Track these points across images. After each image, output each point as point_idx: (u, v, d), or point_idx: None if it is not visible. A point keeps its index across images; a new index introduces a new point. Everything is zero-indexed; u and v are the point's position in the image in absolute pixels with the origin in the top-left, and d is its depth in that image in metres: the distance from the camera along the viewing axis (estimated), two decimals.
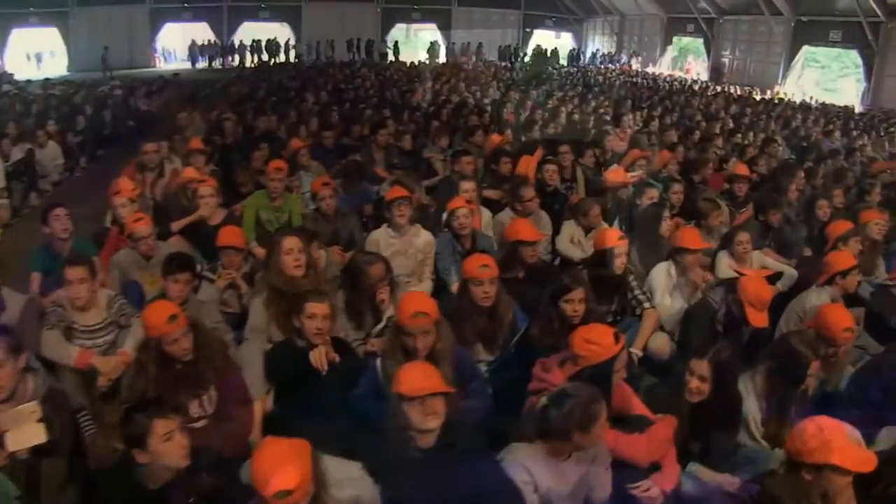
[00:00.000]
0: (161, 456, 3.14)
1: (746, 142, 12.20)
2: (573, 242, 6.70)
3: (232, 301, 5.68)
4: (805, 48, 31.30)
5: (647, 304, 5.47)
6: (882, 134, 16.67)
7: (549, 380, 3.77)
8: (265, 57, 36.79)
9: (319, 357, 4.15)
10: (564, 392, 3.27)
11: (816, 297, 5.42)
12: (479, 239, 6.21)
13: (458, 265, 6.03)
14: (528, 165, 7.99)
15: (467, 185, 6.98)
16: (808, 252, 7.09)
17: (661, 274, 5.83)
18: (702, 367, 3.80)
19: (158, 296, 5.03)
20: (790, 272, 6.41)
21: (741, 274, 5.92)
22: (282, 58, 37.03)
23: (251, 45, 37.19)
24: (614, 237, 5.55)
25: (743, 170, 8.44)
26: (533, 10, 44.36)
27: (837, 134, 15.40)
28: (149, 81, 22.70)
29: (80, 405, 4.44)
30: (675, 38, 40.54)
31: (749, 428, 4.00)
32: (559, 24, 46.28)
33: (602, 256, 5.50)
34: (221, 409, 4.22)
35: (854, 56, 29.26)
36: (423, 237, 6.23)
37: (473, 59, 38.07)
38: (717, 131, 13.07)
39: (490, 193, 7.68)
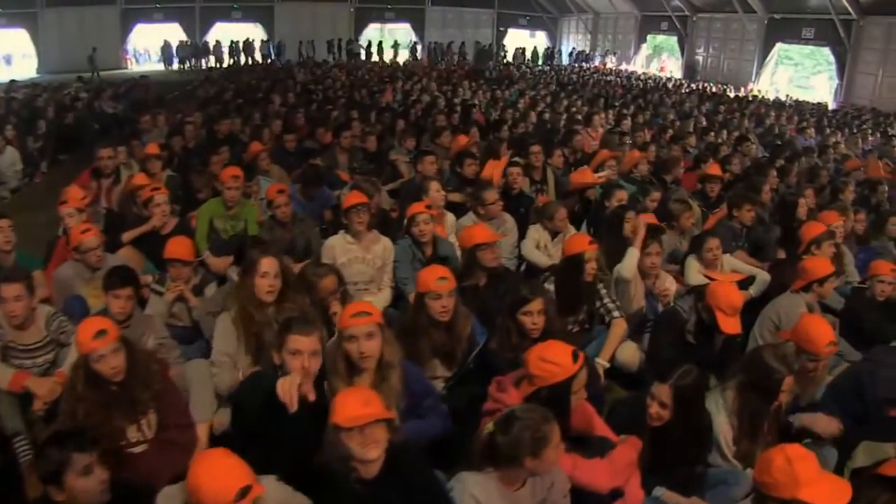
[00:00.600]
0: (79, 493, 2.89)
1: (720, 140, 11.99)
2: (539, 248, 6.44)
3: (182, 314, 5.40)
4: (778, 45, 31.63)
5: (615, 314, 5.22)
6: (855, 131, 16.60)
7: (503, 400, 3.53)
8: (242, 58, 36.52)
9: (289, 389, 3.33)
10: (512, 415, 3.02)
11: (791, 304, 5.22)
12: (441, 245, 5.95)
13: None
14: (494, 167, 7.75)
15: (431, 187, 6.73)
16: (781, 253, 6.88)
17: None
18: (663, 392, 3.56)
19: (101, 311, 4.75)
20: (762, 276, 6.21)
21: (711, 279, 5.74)
22: (259, 58, 36.77)
23: (230, 46, 36.92)
24: (584, 242, 5.28)
25: (715, 170, 8.28)
26: (507, 9, 44.45)
27: (811, 131, 15.33)
28: (115, 84, 22.26)
29: (16, 430, 4.21)
30: (649, 37, 40.83)
31: (720, 447, 3.76)
32: (533, 23, 46.34)
33: (571, 263, 5.24)
34: (162, 433, 3.94)
35: (826, 53, 29.56)
36: (382, 244, 5.97)
37: (455, 57, 38.02)
38: (690, 129, 12.90)
39: (454, 196, 7.42)
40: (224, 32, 38.29)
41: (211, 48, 36.89)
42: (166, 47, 36.44)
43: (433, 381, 4.45)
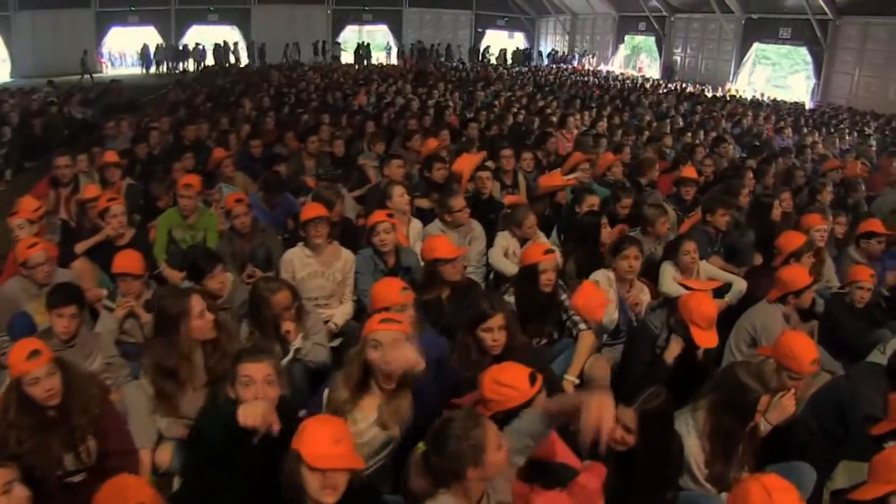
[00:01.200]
0: None
1: (697, 141, 11.82)
2: (507, 255, 6.19)
3: (134, 331, 5.14)
4: (756, 45, 31.81)
5: (582, 326, 4.98)
6: (832, 131, 16.54)
7: None
8: (231, 58, 36.21)
9: (252, 413, 3.09)
10: (438, 430, 2.80)
11: (768, 314, 5.03)
12: (404, 255, 5.70)
13: None
14: (466, 162, 7.52)
15: (395, 192, 6.50)
16: (757, 258, 6.69)
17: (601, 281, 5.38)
18: (627, 416, 3.30)
19: (44, 331, 4.51)
20: (739, 284, 5.96)
21: (687, 287, 5.54)
22: (243, 60, 36.50)
23: (214, 49, 36.63)
24: (539, 252, 5.05)
25: (691, 173, 8.07)
26: (484, 10, 44.37)
27: (789, 131, 15.24)
28: (86, 88, 21.86)
29: None
30: (627, 37, 40.88)
31: (691, 470, 3.51)
32: (511, 24, 46.31)
33: (527, 274, 5.02)
34: (103, 461, 3.67)
35: (803, 53, 29.75)
36: (343, 256, 5.73)
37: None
38: (667, 130, 12.73)
39: (422, 202, 7.21)
40: (200, 35, 37.86)
41: (190, 50, 36.41)
42: (145, 50, 35.97)
43: None
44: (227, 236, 6.26)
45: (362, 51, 39.57)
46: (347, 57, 39.58)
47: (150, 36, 36.83)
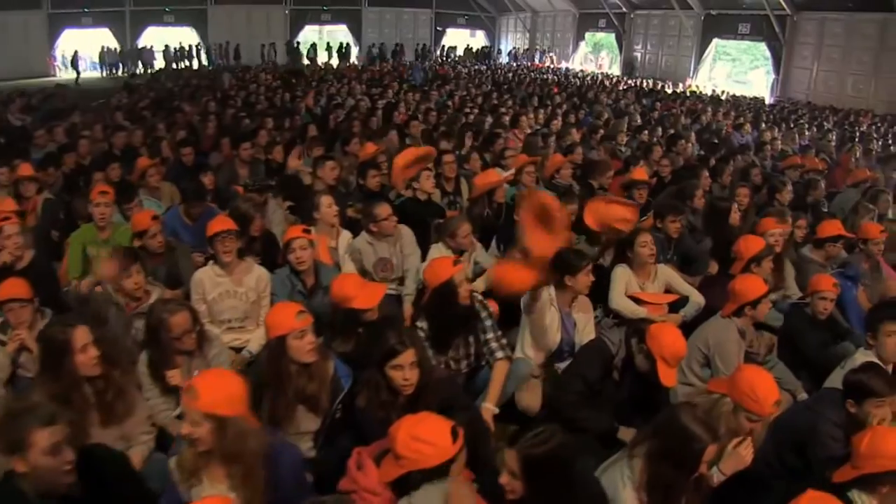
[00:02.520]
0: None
1: (654, 139, 11.44)
2: None
3: (29, 364, 4.57)
4: (715, 41, 31.95)
5: (499, 354, 4.51)
6: (792, 126, 16.33)
7: (359, 482, 2.84)
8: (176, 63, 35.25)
9: None
10: None
11: (722, 330, 4.61)
12: (324, 274, 5.18)
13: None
14: (399, 176, 7.03)
15: (322, 202, 5.99)
16: (713, 266, 6.26)
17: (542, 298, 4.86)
18: (511, 458, 2.77)
19: None
20: (696, 299, 5.50)
21: (638, 301, 5.13)
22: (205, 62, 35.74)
23: (164, 51, 35.73)
24: (448, 265, 4.53)
25: (642, 174, 7.59)
26: (445, 8, 43.96)
27: (748, 127, 14.97)
28: (29, 93, 20.94)
29: None
30: (587, 34, 40.77)
31: None
32: (472, 23, 45.96)
33: (440, 293, 4.48)
34: None
35: (763, 49, 29.89)
36: (256, 274, 5.22)
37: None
38: (623, 129, 12.27)
39: (353, 212, 6.71)
40: (156, 37, 36.97)
41: (148, 52, 35.51)
42: (103, 53, 34.89)
43: (299, 437, 3.78)
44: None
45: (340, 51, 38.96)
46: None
47: (105, 38, 35.91)
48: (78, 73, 32.41)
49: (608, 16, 36.97)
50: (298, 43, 39.53)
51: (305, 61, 36.38)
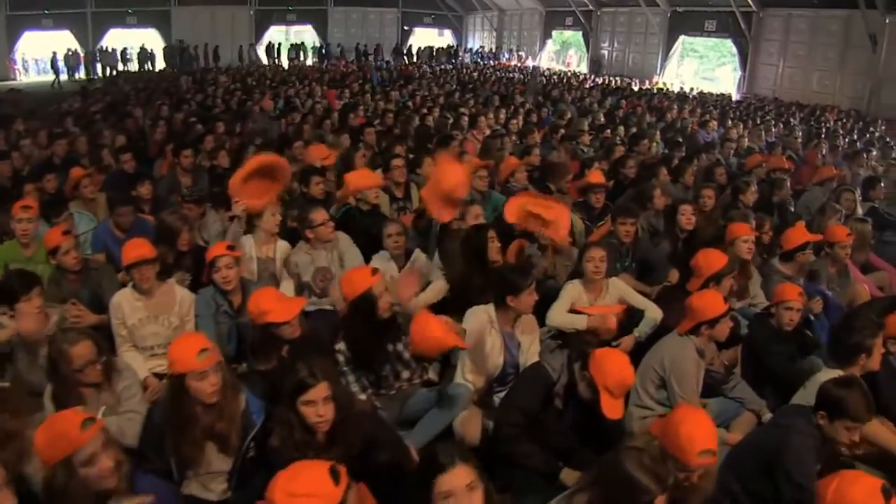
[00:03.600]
0: None
1: (617, 139, 11.10)
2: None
3: None
4: (682, 38, 31.85)
5: (416, 381, 4.16)
6: (758, 123, 16.12)
7: None
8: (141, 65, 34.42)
9: None
10: None
11: (678, 349, 4.23)
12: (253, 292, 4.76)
13: (229, 327, 4.70)
14: (350, 183, 6.58)
15: (267, 210, 5.60)
16: (674, 275, 5.89)
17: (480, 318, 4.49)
18: None
19: None
20: (652, 314, 5.11)
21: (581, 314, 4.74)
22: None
23: (140, 54, 34.93)
24: (366, 276, 4.19)
25: (597, 177, 7.18)
26: (411, 7, 43.61)
27: (714, 124, 14.72)
28: None
29: None
30: (554, 33, 40.65)
31: None
32: (439, 22, 45.64)
33: (358, 308, 4.13)
34: None
35: (730, 45, 29.84)
36: (178, 297, 4.81)
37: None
38: (584, 128, 11.89)
39: (291, 221, 6.28)
40: (119, 39, 36.14)
41: (98, 55, 34.52)
42: (69, 56, 33.82)
43: (211, 478, 3.45)
44: (55, 278, 5.19)
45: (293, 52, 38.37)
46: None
47: (63, 40, 34.84)
48: (57, 75, 31.46)
49: (575, 13, 36.71)
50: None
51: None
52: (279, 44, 38.59)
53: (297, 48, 38.83)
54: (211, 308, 4.69)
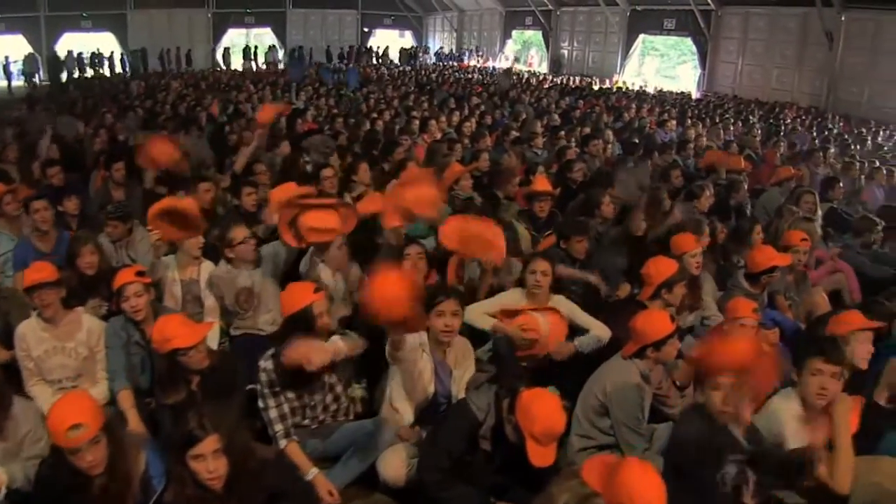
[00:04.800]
0: None
1: (571, 141, 10.76)
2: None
3: None
4: (642, 36, 31.87)
5: (341, 418, 3.82)
6: (717, 121, 15.97)
7: None
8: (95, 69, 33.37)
9: None
10: None
11: (621, 374, 3.87)
12: None
13: (141, 357, 4.29)
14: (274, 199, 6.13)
15: None
16: (625, 289, 5.57)
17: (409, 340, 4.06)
18: None
19: None
20: (598, 332, 4.72)
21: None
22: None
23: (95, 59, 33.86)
24: (308, 291, 3.86)
25: (543, 185, 6.74)
26: (371, 9, 43.11)
27: (672, 123, 14.54)
28: None
29: None
30: (514, 32, 40.53)
31: None
32: (399, 23, 45.25)
33: (299, 322, 3.77)
34: None
35: (689, 43, 29.83)
36: (86, 326, 4.40)
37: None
38: (537, 129, 11.55)
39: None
40: (74, 43, 35.12)
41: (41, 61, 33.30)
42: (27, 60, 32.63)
43: None
44: None
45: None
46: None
47: (15, 45, 33.68)
48: (9, 80, 30.50)
49: (534, 13, 36.63)
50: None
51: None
52: (256, 46, 37.78)
53: (254, 51, 38.06)
54: (122, 339, 4.29)
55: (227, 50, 37.42)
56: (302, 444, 3.76)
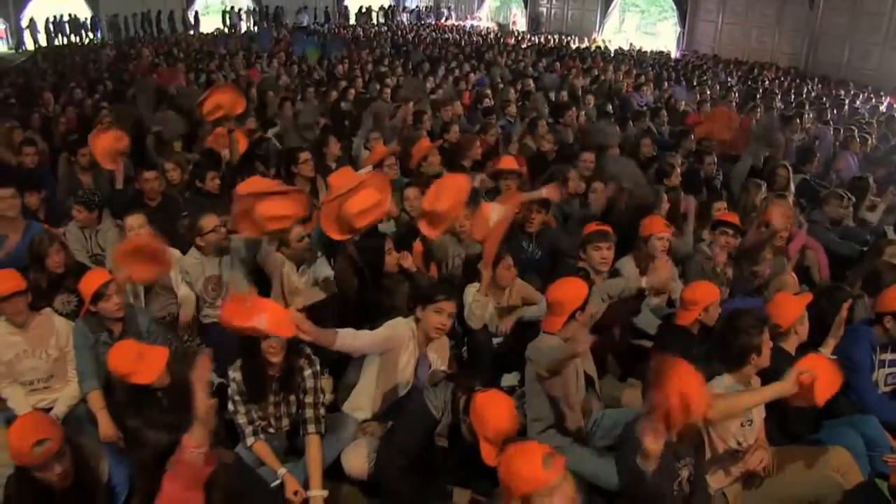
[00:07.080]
0: None
1: (546, 109, 10.61)
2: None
3: None
4: None
5: (311, 428, 3.74)
6: (695, 84, 15.88)
7: None
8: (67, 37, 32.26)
9: None
10: None
11: (545, 350, 3.76)
12: (134, 319, 4.34)
13: None
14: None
15: (133, 222, 5.14)
16: None
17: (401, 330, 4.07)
18: None
19: None
20: (544, 306, 4.48)
21: None
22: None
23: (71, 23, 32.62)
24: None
25: (510, 163, 6.58)
26: None
27: (649, 87, 14.35)
28: None
29: None
30: None
31: None
32: None
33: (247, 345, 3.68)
34: None
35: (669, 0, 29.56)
36: (56, 328, 4.35)
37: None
38: (512, 97, 11.23)
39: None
40: (41, 10, 34.12)
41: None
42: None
43: None
44: None
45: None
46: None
47: None
48: None
49: None
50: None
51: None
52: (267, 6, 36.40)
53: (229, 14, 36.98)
54: (89, 339, 4.21)
55: (196, 14, 36.35)
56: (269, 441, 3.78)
